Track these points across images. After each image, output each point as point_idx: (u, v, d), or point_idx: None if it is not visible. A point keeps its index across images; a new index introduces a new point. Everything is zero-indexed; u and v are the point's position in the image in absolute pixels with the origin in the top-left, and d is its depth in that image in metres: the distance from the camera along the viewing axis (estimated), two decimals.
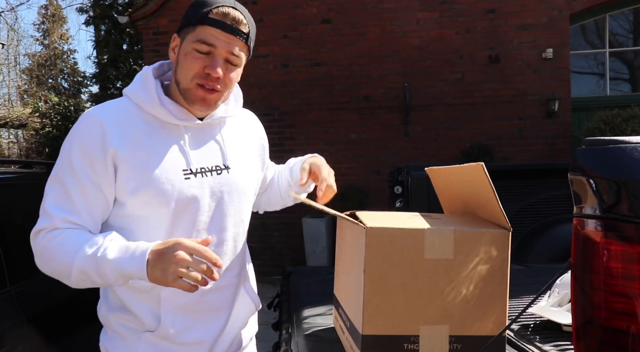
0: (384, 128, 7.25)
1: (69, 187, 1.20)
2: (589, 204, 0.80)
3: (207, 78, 1.22)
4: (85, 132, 1.22)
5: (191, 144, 1.28)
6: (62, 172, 1.22)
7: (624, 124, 5.93)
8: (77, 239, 1.18)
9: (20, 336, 2.18)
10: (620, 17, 7.77)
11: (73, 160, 1.21)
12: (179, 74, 1.24)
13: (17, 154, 17.06)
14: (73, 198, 1.20)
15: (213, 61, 1.21)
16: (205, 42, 1.20)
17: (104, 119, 1.22)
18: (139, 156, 1.21)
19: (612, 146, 0.79)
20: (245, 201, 1.38)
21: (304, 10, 7.33)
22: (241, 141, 1.40)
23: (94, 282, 1.18)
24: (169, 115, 1.25)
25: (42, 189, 1.26)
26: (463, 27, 7.17)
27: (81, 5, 17.42)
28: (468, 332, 1.10)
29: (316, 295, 1.84)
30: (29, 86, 21.26)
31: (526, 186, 4.45)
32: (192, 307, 1.28)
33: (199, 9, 1.21)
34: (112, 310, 1.30)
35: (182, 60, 1.23)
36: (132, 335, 1.28)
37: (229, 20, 1.20)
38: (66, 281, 1.21)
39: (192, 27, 1.21)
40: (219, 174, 1.30)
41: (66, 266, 1.17)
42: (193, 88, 1.23)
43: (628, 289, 0.75)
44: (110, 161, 1.20)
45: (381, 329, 1.09)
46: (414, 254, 1.08)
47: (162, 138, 1.25)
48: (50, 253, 1.19)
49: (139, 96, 1.26)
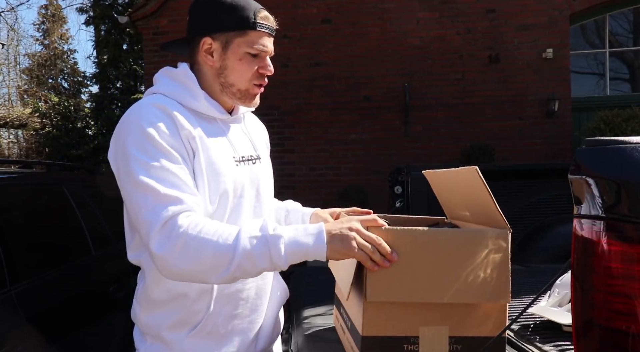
0: (384, 128, 7.25)
1: (171, 168, 1.15)
2: (589, 204, 0.80)
3: (261, 77, 1.32)
4: (155, 117, 1.19)
5: (230, 136, 1.34)
6: (154, 159, 1.14)
7: (624, 124, 5.93)
8: (225, 225, 1.13)
9: (20, 336, 2.18)
10: (620, 17, 7.77)
11: (159, 141, 1.16)
12: (232, 77, 1.30)
13: (17, 154, 17.06)
14: (181, 177, 1.15)
15: (265, 61, 1.31)
16: (259, 45, 1.28)
17: (166, 107, 1.22)
18: (202, 143, 1.24)
19: (612, 146, 0.79)
20: (271, 191, 1.45)
21: (304, 10, 7.34)
22: (258, 135, 1.48)
23: (256, 268, 1.09)
24: (212, 109, 1.31)
25: (42, 189, 1.25)
26: (463, 27, 7.17)
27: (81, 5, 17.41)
28: (468, 333, 1.10)
29: (316, 295, 1.84)
30: (29, 86, 21.26)
31: (526, 186, 4.45)
32: (239, 296, 1.30)
33: (241, 14, 1.26)
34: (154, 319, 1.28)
35: (236, 65, 1.29)
36: (177, 340, 1.26)
37: (271, 23, 1.31)
38: (216, 275, 1.09)
39: (241, 32, 1.27)
40: (254, 164, 1.37)
41: (227, 252, 1.07)
42: (251, 88, 1.32)
43: (628, 289, 0.75)
44: (187, 143, 1.22)
45: (381, 329, 1.09)
46: (414, 254, 1.08)
47: (210, 129, 1.29)
48: (201, 242, 1.08)
49: (180, 93, 1.29)
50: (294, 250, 1.08)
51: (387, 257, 1.07)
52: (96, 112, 12.34)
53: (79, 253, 3.00)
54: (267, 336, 1.38)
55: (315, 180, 7.30)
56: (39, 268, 2.55)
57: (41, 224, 2.83)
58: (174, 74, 1.33)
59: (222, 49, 1.29)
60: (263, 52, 1.30)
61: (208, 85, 1.33)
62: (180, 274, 1.10)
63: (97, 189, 3.60)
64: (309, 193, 7.06)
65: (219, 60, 1.30)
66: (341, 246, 1.08)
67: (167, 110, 1.22)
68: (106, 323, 3.05)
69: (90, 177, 3.88)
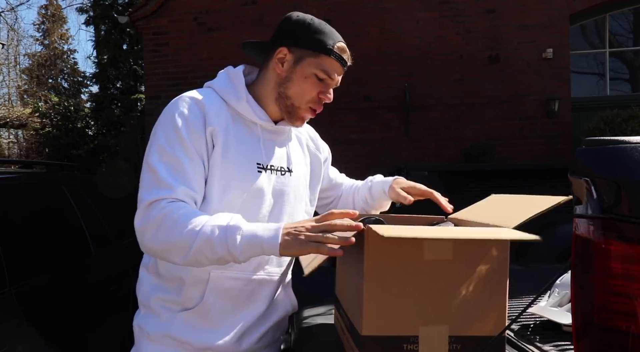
0: (384, 128, 7.25)
1: (181, 159, 1.24)
2: (589, 204, 0.80)
3: (319, 103, 1.38)
4: (188, 109, 1.28)
5: (265, 143, 1.38)
6: (171, 148, 1.25)
7: (624, 124, 5.93)
8: (201, 214, 1.19)
9: (20, 336, 2.18)
10: (620, 17, 7.77)
11: (181, 133, 1.25)
12: (291, 91, 1.36)
13: (17, 154, 17.07)
14: (188, 171, 1.24)
15: (327, 88, 1.37)
16: (327, 74, 1.35)
17: (203, 101, 1.30)
18: (226, 141, 1.30)
19: (612, 146, 0.79)
20: (299, 205, 1.46)
21: (304, 10, 7.33)
22: (302, 150, 1.53)
23: (214, 253, 1.15)
24: (252, 113, 1.36)
25: (42, 189, 1.26)
26: (463, 27, 7.18)
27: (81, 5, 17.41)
28: (468, 333, 1.10)
29: (316, 295, 1.84)
30: (29, 86, 21.26)
31: (526, 186, 4.45)
32: (234, 294, 1.34)
33: (322, 38, 1.34)
34: (155, 290, 1.36)
35: (300, 82, 1.35)
36: (168, 314, 1.34)
37: (346, 56, 1.39)
38: (179, 255, 1.18)
39: (316, 53, 1.34)
40: (282, 175, 1.40)
41: (190, 236, 1.15)
42: (304, 109, 1.38)
43: (628, 289, 0.75)
44: (210, 139, 1.28)
45: (381, 329, 1.09)
46: (414, 255, 1.09)
47: (243, 132, 1.35)
48: (175, 223, 1.17)
49: (227, 91, 1.36)
50: (249, 241, 1.14)
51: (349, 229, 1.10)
52: (96, 112, 12.35)
53: (79, 253, 3.00)
54: (259, 338, 1.39)
55: None
56: (39, 268, 2.55)
57: (41, 224, 2.83)
58: (230, 73, 1.40)
59: (294, 62, 1.35)
60: (329, 79, 1.35)
61: (265, 90, 1.38)
62: (152, 250, 1.21)
63: (97, 189, 3.60)
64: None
65: (287, 71, 1.36)
66: (293, 242, 1.12)
67: (201, 104, 1.29)
68: (106, 323, 3.05)
69: (90, 177, 3.88)
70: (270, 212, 1.36)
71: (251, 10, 7.19)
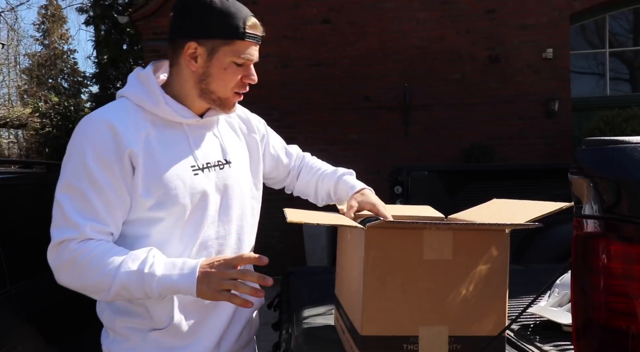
0: (384, 128, 7.25)
1: (89, 195, 1.18)
2: (589, 204, 0.80)
3: (244, 86, 1.30)
4: (97, 136, 1.20)
5: (194, 141, 1.31)
6: (77, 180, 1.19)
7: (624, 124, 5.93)
8: (115, 252, 1.17)
9: (20, 336, 2.18)
10: (620, 17, 7.77)
11: (90, 167, 1.18)
12: (213, 85, 1.27)
13: (17, 154, 17.06)
14: (95, 205, 1.19)
15: (249, 70, 1.29)
16: (246, 55, 1.26)
17: (114, 121, 1.21)
18: (150, 156, 1.23)
19: (612, 146, 0.79)
20: (247, 195, 1.42)
21: (304, 10, 7.33)
22: (236, 136, 1.45)
23: (133, 296, 1.18)
24: (174, 113, 1.27)
25: (42, 189, 1.26)
26: (463, 27, 7.17)
27: (81, 5, 17.42)
28: (467, 333, 1.10)
29: (316, 295, 1.83)
30: (29, 86, 21.25)
31: (526, 186, 4.45)
32: (202, 303, 1.29)
33: (231, 22, 1.23)
34: (118, 313, 1.30)
35: (220, 74, 1.26)
36: (138, 335, 1.28)
37: (259, 32, 1.28)
38: (98, 296, 1.20)
39: (228, 41, 1.24)
40: (221, 169, 1.34)
41: (106, 281, 1.15)
42: (232, 96, 1.30)
43: (628, 289, 0.75)
44: (128, 163, 1.21)
45: (381, 329, 1.09)
46: (414, 255, 1.08)
47: (168, 137, 1.27)
48: (86, 267, 1.16)
49: (141, 97, 1.27)
50: (166, 289, 1.15)
51: (259, 282, 1.13)
52: None
53: None
54: (236, 339, 1.39)
55: None
56: (39, 268, 2.55)
57: (41, 224, 2.82)
58: (140, 76, 1.31)
59: (207, 56, 1.25)
60: (248, 61, 1.27)
61: (184, 89, 1.30)
62: (69, 287, 1.21)
63: None
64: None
65: (203, 67, 1.26)
66: (207, 291, 1.14)
67: (111, 126, 1.20)
68: None
69: None
70: (218, 211, 1.32)
71: (251, 10, 7.15)
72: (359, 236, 1.13)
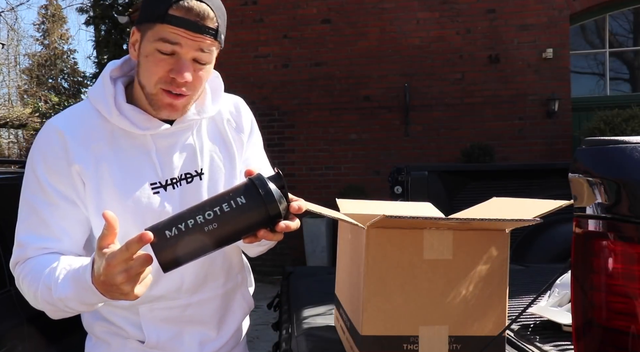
0: (384, 128, 7.25)
1: (39, 208, 1.11)
2: (588, 204, 0.80)
3: (173, 83, 1.08)
4: (46, 145, 1.12)
5: (160, 153, 1.16)
6: (30, 193, 1.13)
7: (624, 124, 5.92)
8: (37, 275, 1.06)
9: (20, 336, 2.18)
10: (620, 17, 7.77)
11: (40, 177, 1.11)
12: (142, 77, 1.11)
13: (17, 154, 17.06)
14: (47, 220, 1.10)
15: (179, 64, 1.07)
16: (167, 41, 1.05)
17: (65, 130, 1.11)
18: (104, 173, 1.11)
19: (612, 146, 0.79)
20: None
21: (304, 10, 7.33)
22: (221, 137, 1.26)
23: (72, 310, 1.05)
24: (131, 125, 1.12)
25: None
26: (463, 27, 7.17)
27: (81, 5, 17.42)
28: (468, 333, 1.10)
29: (316, 295, 1.83)
30: (29, 86, 21.27)
31: (526, 186, 4.45)
32: (175, 320, 1.23)
33: (156, 4, 1.06)
34: (96, 319, 1.25)
35: (144, 62, 1.09)
36: (118, 341, 1.23)
37: (192, 17, 1.04)
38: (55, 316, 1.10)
39: (151, 25, 1.06)
40: (189, 183, 1.18)
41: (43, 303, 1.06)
42: (158, 93, 1.10)
43: (628, 289, 0.75)
44: (77, 177, 1.11)
45: (381, 329, 1.09)
46: (413, 255, 1.08)
47: (128, 149, 1.14)
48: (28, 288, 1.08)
49: (98, 103, 1.14)
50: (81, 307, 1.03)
51: (138, 243, 0.87)
52: None
53: None
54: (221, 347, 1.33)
55: (315, 180, 7.30)
56: None
57: None
58: (103, 76, 1.16)
59: (140, 42, 1.10)
60: (174, 48, 1.06)
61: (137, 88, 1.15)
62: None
63: None
64: (309, 193, 7.04)
65: (137, 56, 1.12)
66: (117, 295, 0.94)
67: (62, 136, 1.10)
68: None
69: None
70: None
71: (251, 10, 7.18)
72: (359, 235, 1.14)
